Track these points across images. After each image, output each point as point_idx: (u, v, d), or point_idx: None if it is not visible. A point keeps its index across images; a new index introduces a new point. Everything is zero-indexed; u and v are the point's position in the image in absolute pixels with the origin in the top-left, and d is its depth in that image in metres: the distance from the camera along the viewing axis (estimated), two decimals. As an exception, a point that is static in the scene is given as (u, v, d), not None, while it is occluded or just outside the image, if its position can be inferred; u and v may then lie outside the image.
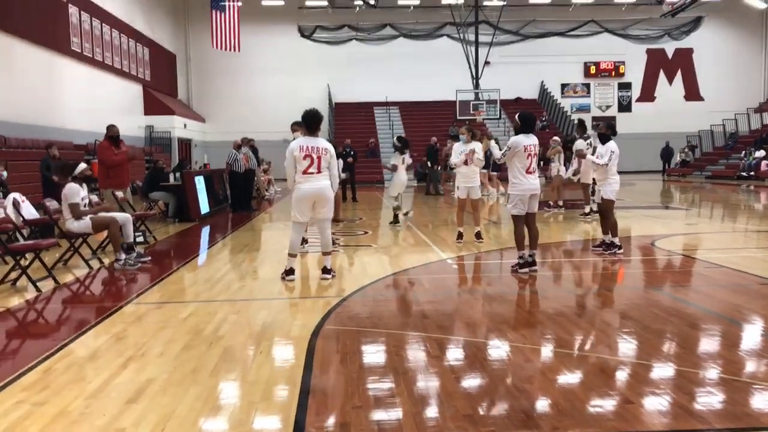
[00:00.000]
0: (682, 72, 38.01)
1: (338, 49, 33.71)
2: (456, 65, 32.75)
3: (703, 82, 37.75)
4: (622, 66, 37.75)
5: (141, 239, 10.25)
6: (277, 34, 34.78)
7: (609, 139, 8.78)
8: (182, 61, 35.04)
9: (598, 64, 37.69)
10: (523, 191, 7.49)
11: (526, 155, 7.43)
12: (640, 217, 13.79)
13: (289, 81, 34.79)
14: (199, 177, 15.12)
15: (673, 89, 37.92)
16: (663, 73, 38.03)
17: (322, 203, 7.24)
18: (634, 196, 19.99)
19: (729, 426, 3.32)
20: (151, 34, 30.49)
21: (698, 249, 9.90)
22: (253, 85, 34.82)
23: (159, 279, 7.69)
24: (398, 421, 3.46)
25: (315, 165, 7.08)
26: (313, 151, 7.08)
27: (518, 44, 34.00)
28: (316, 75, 34.87)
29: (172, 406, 3.68)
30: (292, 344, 4.94)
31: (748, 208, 17.34)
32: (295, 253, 7.44)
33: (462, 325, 5.53)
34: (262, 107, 33.81)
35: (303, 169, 7.07)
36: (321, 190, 7.15)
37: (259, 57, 34.57)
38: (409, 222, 13.14)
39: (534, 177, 7.56)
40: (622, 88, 38.12)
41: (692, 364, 4.34)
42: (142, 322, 5.68)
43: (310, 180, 7.10)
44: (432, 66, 34.65)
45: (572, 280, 7.68)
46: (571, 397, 3.74)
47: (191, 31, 35.11)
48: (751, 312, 5.78)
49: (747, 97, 36.51)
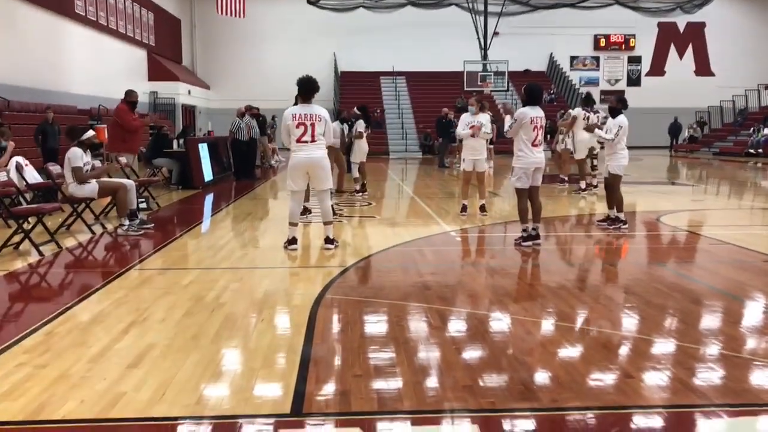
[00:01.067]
0: (693, 46, 37.51)
1: (345, 17, 33.27)
2: (464, 35, 32.36)
3: (714, 57, 37.26)
4: (632, 39, 37.26)
5: (144, 205, 10.24)
6: (283, 0, 34.37)
7: (620, 113, 8.67)
8: (187, 27, 34.70)
9: (608, 37, 37.19)
10: (528, 164, 7.43)
11: (532, 127, 7.35)
12: (646, 192, 13.72)
13: (294, 48, 34.45)
14: (202, 144, 15.07)
15: (684, 64, 37.44)
16: (674, 47, 37.53)
17: (317, 173, 7.19)
18: (640, 171, 19.88)
19: (728, 402, 3.32)
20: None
21: (703, 225, 9.86)
22: (259, 52, 34.51)
23: (161, 245, 7.69)
24: (398, 390, 3.46)
25: (309, 133, 7.02)
26: (306, 119, 7.02)
27: (528, 15, 33.51)
28: (322, 43, 34.52)
29: (172, 371, 3.69)
30: (294, 313, 4.94)
31: (754, 185, 17.24)
32: (295, 222, 7.42)
33: (464, 297, 5.52)
34: (267, 75, 33.53)
35: (297, 137, 7.03)
36: (314, 160, 7.10)
37: (264, 23, 34.21)
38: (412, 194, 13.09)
39: (539, 150, 7.49)
40: (632, 62, 37.66)
41: (693, 339, 4.33)
42: (144, 288, 5.69)
43: (303, 149, 7.06)
44: (440, 36, 34.24)
45: (575, 255, 7.66)
46: (571, 370, 3.74)
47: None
48: (754, 289, 5.75)
49: (759, 74, 36.02)
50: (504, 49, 32.48)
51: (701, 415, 3.20)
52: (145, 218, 8.88)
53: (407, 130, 31.90)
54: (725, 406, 3.27)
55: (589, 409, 3.23)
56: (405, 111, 33.31)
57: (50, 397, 3.35)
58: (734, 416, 3.21)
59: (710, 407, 3.25)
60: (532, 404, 3.28)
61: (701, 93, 35.25)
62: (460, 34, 32.74)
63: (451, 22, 33.05)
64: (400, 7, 33.03)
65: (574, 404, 3.29)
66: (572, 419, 3.15)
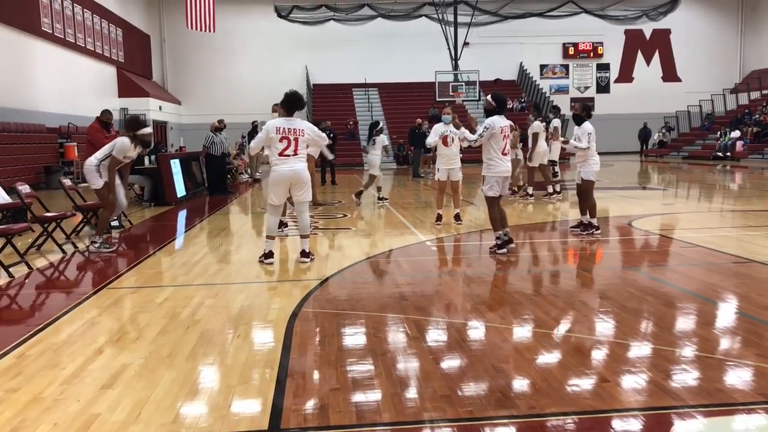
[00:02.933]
0: (659, 53, 38.20)
1: (316, 30, 33.34)
2: (435, 46, 32.62)
3: (680, 63, 37.98)
4: (600, 47, 37.85)
5: (116, 223, 10.12)
6: (253, 14, 34.34)
7: (584, 120, 8.79)
8: (157, 43, 34.50)
9: (576, 45, 37.74)
10: (500, 173, 7.51)
11: (502, 137, 7.45)
12: (618, 197, 13.89)
13: (265, 62, 34.47)
14: (174, 160, 14.95)
15: (651, 70, 38.11)
16: (641, 54, 38.20)
17: (299, 186, 7.21)
18: (612, 176, 20.15)
19: (702, 402, 3.36)
20: (125, 14, 29.97)
21: (674, 228, 10.00)
22: (230, 67, 34.42)
23: (135, 263, 7.60)
24: (376, 403, 3.45)
25: (291, 147, 7.04)
26: (290, 133, 7.04)
27: (497, 25, 33.86)
28: (293, 56, 34.56)
29: (148, 391, 3.64)
30: (270, 327, 4.91)
31: (723, 188, 17.55)
32: (272, 235, 7.41)
33: (440, 307, 5.53)
34: (238, 89, 33.47)
35: (279, 151, 7.03)
36: (297, 172, 7.12)
37: (235, 38, 34.16)
38: (387, 205, 13.12)
39: (508, 159, 7.61)
40: (601, 69, 38.24)
41: (667, 342, 4.38)
42: (118, 307, 5.61)
43: (286, 162, 7.06)
44: (411, 47, 34.47)
45: (550, 261, 7.72)
46: (548, 376, 3.76)
47: (165, 12, 34.52)
48: (725, 290, 5.85)
49: (723, 78, 36.85)
50: (474, 59, 32.80)
51: (677, 416, 3.24)
52: (115, 236, 8.76)
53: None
54: (699, 406, 3.31)
55: (566, 415, 3.25)
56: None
57: (22, 422, 3.28)
58: (709, 416, 3.25)
59: (685, 408, 3.29)
60: (510, 411, 3.29)
61: (669, 98, 35.93)
62: (431, 45, 32.99)
63: (422, 33, 33.30)
64: (371, 20, 33.19)
65: (552, 410, 3.30)
66: (550, 425, 3.16)
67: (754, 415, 3.27)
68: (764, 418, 3.25)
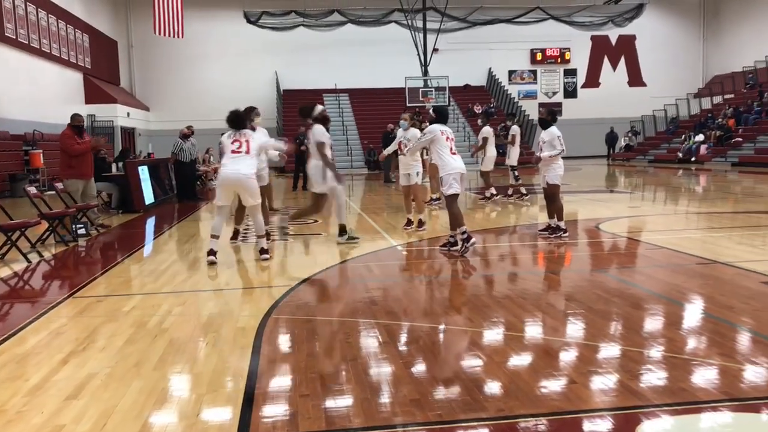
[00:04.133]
0: (625, 58, 38.84)
1: (285, 36, 33.27)
2: (405, 52, 32.76)
3: (645, 68, 38.66)
4: (567, 52, 38.35)
5: (83, 231, 9.98)
6: (222, 19, 34.14)
7: (550, 124, 8.90)
8: (124, 48, 34.11)
9: (544, 51, 38.19)
10: (454, 169, 7.83)
11: (444, 138, 7.86)
12: (586, 201, 14.07)
13: (235, 68, 34.28)
14: (143, 167, 14.78)
15: (617, 75, 38.73)
16: (607, 59, 38.79)
17: (244, 192, 7.63)
18: (579, 180, 20.40)
19: (667, 401, 3.42)
20: (91, 20, 29.58)
21: (640, 231, 10.16)
22: (199, 73, 34.17)
23: (102, 272, 7.50)
24: (346, 409, 3.45)
25: (244, 146, 7.54)
26: (241, 137, 7.62)
27: (466, 31, 34.14)
28: (263, 62, 34.44)
29: (114, 401, 3.59)
30: (240, 335, 4.87)
31: (687, 190, 17.88)
32: (217, 234, 7.70)
33: (410, 311, 5.55)
34: (207, 95, 33.20)
35: (232, 149, 7.54)
36: (240, 180, 7.50)
37: (204, 44, 33.92)
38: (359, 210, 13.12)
39: (458, 158, 7.92)
40: (568, 75, 38.75)
41: (633, 343, 4.45)
42: (84, 316, 5.52)
43: (235, 162, 7.46)
44: (381, 53, 34.60)
45: (519, 264, 7.79)
46: (516, 378, 3.80)
47: (133, 17, 34.16)
48: (689, 291, 5.96)
49: (687, 83, 37.60)
50: (444, 64, 33.03)
51: (643, 416, 3.29)
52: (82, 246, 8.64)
53: (352, 146, 32.00)
54: (664, 405, 3.37)
55: (534, 417, 3.28)
56: (349, 128, 33.42)
57: (-16, 435, 3.22)
58: (674, 415, 3.31)
59: (650, 408, 3.35)
60: (478, 414, 3.32)
61: (635, 103, 36.55)
62: (401, 51, 33.14)
63: (392, 40, 33.43)
64: (341, 25, 33.24)
65: (521, 412, 3.33)
66: (519, 427, 3.19)
67: (718, 413, 3.33)
68: (727, 416, 3.32)
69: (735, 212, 11.91)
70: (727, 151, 27.18)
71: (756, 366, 3.91)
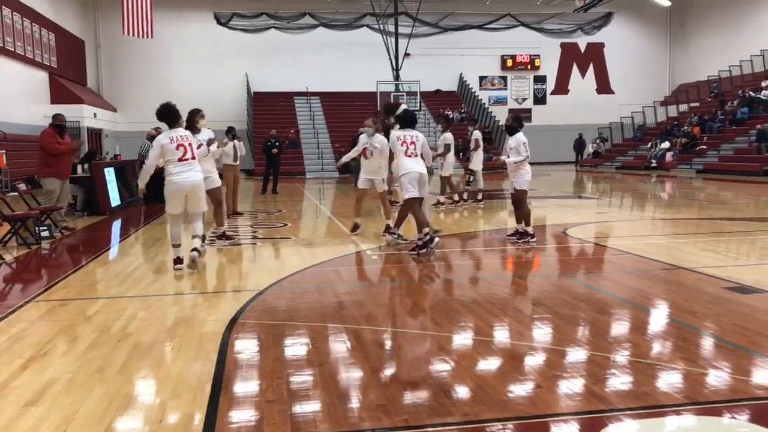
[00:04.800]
0: (594, 66, 39.41)
1: (256, 38, 33.09)
2: (377, 56, 32.80)
3: (613, 76, 39.28)
4: (537, 59, 38.79)
5: (46, 233, 9.79)
6: (192, 20, 33.87)
7: (516, 130, 8.97)
8: (91, 48, 33.59)
9: (514, 57, 38.58)
10: (410, 170, 7.97)
11: (400, 143, 8.06)
12: (554, 206, 14.22)
13: (205, 69, 33.99)
14: (109, 168, 14.57)
15: (586, 82, 39.29)
16: (576, 66, 39.33)
17: (194, 198, 7.37)
18: (548, 186, 20.61)
19: (630, 405, 3.46)
20: (58, 19, 29.08)
21: (607, 236, 10.30)
22: (168, 74, 33.79)
23: (65, 275, 7.36)
24: (312, 414, 3.43)
25: (189, 152, 7.24)
26: (184, 140, 7.26)
27: (437, 36, 34.32)
28: (233, 64, 34.22)
29: (75, 407, 3.52)
30: (206, 339, 4.81)
31: (653, 197, 18.17)
32: (178, 243, 7.49)
33: (378, 316, 5.54)
34: (176, 96, 31.87)
35: (179, 157, 7.17)
36: (194, 185, 7.29)
37: (173, 44, 33.59)
38: (329, 214, 13.09)
39: (414, 160, 8.07)
40: (538, 81, 39.18)
41: (599, 347, 4.50)
42: (45, 321, 5.41)
43: (187, 169, 7.19)
44: (353, 57, 34.62)
45: (486, 269, 7.83)
46: (482, 383, 3.81)
47: (100, 17, 33.68)
48: (654, 296, 6.06)
49: (654, 91, 38.28)
50: (416, 69, 33.13)
51: (607, 420, 3.32)
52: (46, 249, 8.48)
53: (323, 150, 31.92)
54: (627, 410, 3.41)
55: (499, 421, 3.29)
56: (320, 131, 33.36)
57: (-62, 443, 3.13)
58: (637, 419, 3.35)
59: (614, 412, 3.38)
60: (445, 419, 3.32)
61: (603, 110, 37.09)
62: (373, 55, 33.18)
63: (364, 44, 33.47)
64: (312, 29, 33.18)
65: (486, 417, 3.35)
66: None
67: (680, 416, 3.38)
68: (690, 420, 3.37)
69: (699, 218, 12.14)
70: (692, 159, 27.70)
71: (717, 370, 3.98)
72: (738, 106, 29.05)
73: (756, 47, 31.99)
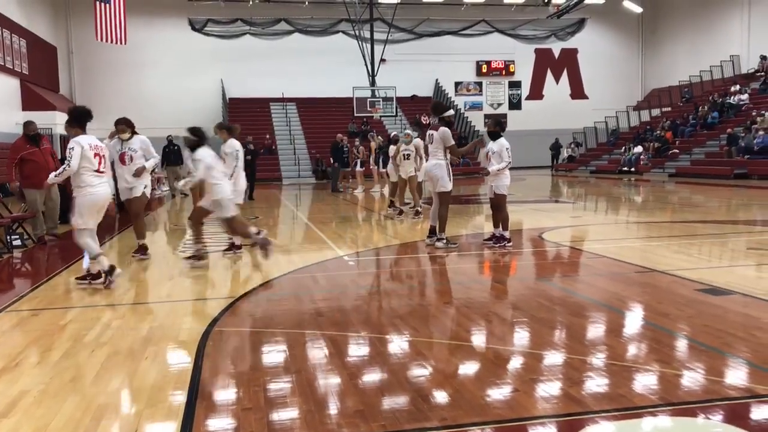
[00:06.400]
0: (567, 71, 39.81)
1: (231, 44, 32.95)
2: (352, 62, 32.81)
3: (587, 81, 39.71)
4: (512, 65, 39.08)
5: (18, 242, 9.63)
6: (167, 26, 33.59)
7: (499, 135, 9.03)
8: (64, 54, 33.15)
9: (489, 63, 38.83)
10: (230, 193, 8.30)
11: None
12: (530, 210, 14.32)
13: (179, 76, 33.72)
14: (83, 176, 14.34)
15: (560, 88, 39.66)
16: (550, 72, 39.69)
17: (102, 212, 7.09)
18: (524, 190, 20.76)
19: (605, 408, 3.49)
20: (29, 25, 28.67)
21: (582, 240, 10.39)
22: (142, 80, 33.47)
23: (37, 285, 7.25)
24: (290, 421, 3.41)
25: (104, 163, 6.92)
26: (99, 150, 6.92)
27: (413, 42, 34.44)
28: (208, 70, 33.98)
29: (47, 418, 3.46)
30: (181, 348, 4.77)
31: (627, 200, 18.39)
32: (99, 253, 7.06)
33: (356, 321, 5.52)
34: (150, 102, 32.54)
35: (96, 167, 6.80)
36: (108, 198, 7.05)
37: (147, 51, 33.26)
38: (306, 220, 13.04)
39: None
40: (513, 87, 39.46)
41: (575, 350, 4.53)
42: (17, 331, 5.32)
43: (105, 181, 6.93)
44: (328, 63, 34.58)
45: (463, 274, 7.86)
46: (460, 388, 3.82)
47: (73, 23, 33.25)
48: (628, 299, 6.12)
49: (626, 96, 38.79)
50: (391, 75, 33.20)
51: (585, 422, 3.34)
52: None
53: (300, 155, 31.85)
54: (602, 412, 3.43)
55: (477, 425, 3.30)
56: (297, 137, 33.29)
57: None
58: (615, 420, 3.37)
59: (590, 414, 3.41)
60: (422, 424, 3.32)
61: (577, 115, 37.48)
62: (349, 61, 33.19)
63: (340, 49, 33.47)
64: (288, 34, 33.13)
65: (464, 421, 3.35)
66: (462, 436, 3.21)
67: (656, 418, 3.42)
68: (666, 421, 3.41)
69: (672, 222, 12.29)
70: (665, 163, 28.09)
71: (691, 371, 4.03)
72: (709, 110, 29.53)
73: (726, 53, 32.59)
